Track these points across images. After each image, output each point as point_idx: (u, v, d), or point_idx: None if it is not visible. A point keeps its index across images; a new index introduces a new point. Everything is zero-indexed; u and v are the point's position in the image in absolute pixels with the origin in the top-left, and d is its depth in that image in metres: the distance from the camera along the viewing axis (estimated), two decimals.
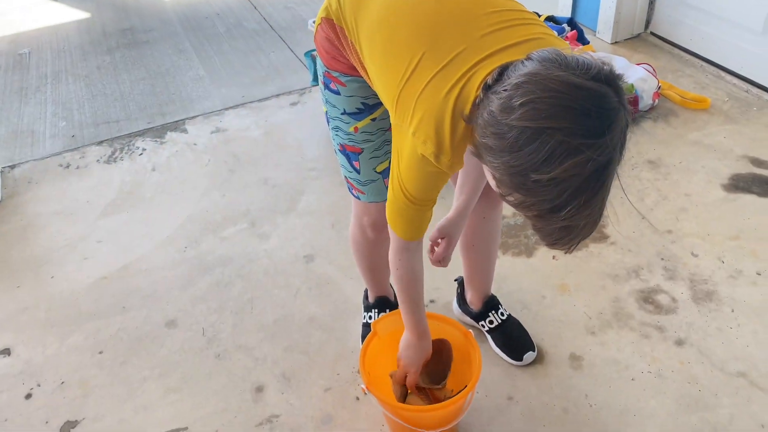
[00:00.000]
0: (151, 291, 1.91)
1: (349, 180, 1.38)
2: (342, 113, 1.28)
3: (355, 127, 1.28)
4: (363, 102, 1.25)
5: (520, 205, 0.86)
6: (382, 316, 1.52)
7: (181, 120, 2.72)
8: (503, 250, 1.94)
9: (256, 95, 2.86)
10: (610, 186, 0.84)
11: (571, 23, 2.73)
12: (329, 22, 1.19)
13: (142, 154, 2.52)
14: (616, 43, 2.99)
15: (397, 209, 1.12)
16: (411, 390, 1.40)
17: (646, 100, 2.45)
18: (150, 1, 3.93)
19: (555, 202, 0.81)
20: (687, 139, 2.35)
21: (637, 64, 2.55)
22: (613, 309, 1.74)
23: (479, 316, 1.67)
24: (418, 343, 1.33)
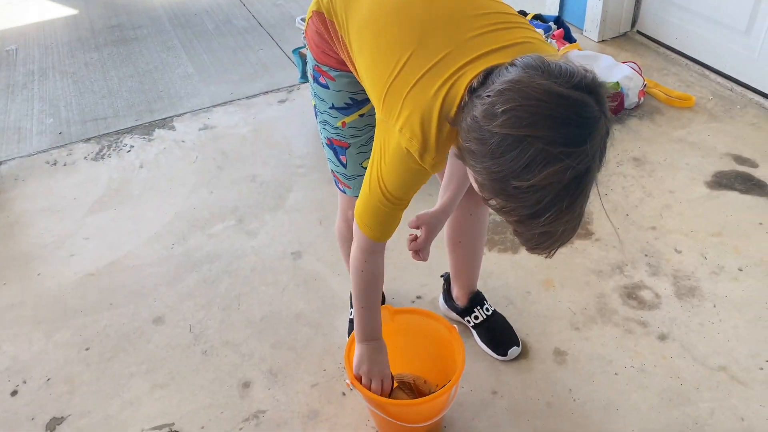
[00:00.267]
0: (138, 287, 1.91)
1: (335, 174, 1.39)
2: (330, 107, 1.29)
3: (343, 122, 1.29)
4: (351, 97, 1.26)
5: (501, 209, 0.88)
6: None
7: (169, 117, 2.71)
8: (489, 246, 1.95)
9: (245, 92, 2.86)
10: (589, 193, 0.85)
11: (558, 21, 2.74)
12: (320, 16, 1.20)
13: (129, 151, 2.51)
14: (602, 41, 3.01)
15: (370, 207, 1.12)
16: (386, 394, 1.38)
17: (631, 98, 2.47)
18: None
19: (535, 208, 0.83)
20: (671, 137, 2.37)
21: (623, 63, 2.57)
22: (597, 305, 1.76)
23: (465, 312, 1.68)
24: (376, 350, 1.32)
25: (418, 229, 1.37)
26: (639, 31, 3.04)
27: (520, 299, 1.78)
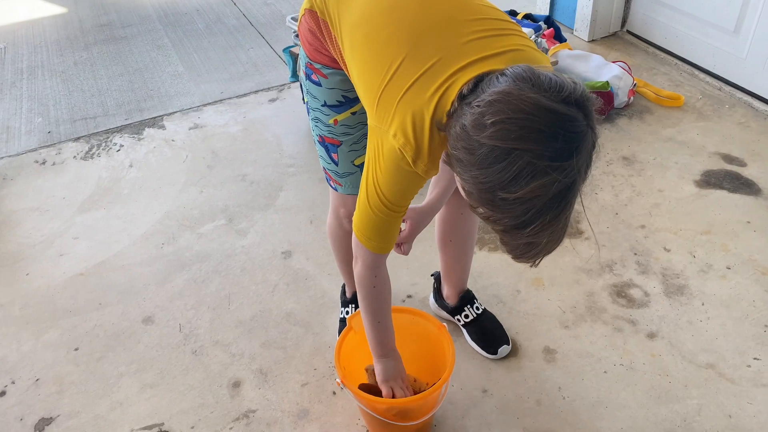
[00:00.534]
0: (127, 287, 1.90)
1: (327, 171, 1.38)
2: (322, 105, 1.29)
3: (335, 120, 1.29)
4: (344, 95, 1.26)
5: (488, 219, 0.89)
6: (358, 311, 1.52)
7: (159, 116, 2.70)
8: (479, 245, 1.96)
9: (235, 91, 2.85)
10: (574, 205, 0.87)
11: (548, 21, 2.75)
12: (312, 14, 1.20)
13: (119, 150, 2.50)
14: (593, 41, 3.02)
15: (368, 218, 1.12)
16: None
17: (621, 98, 2.49)
18: None
19: (520, 219, 0.84)
20: (661, 136, 2.39)
21: (613, 62, 2.58)
22: (587, 303, 1.77)
23: (455, 311, 1.69)
24: (396, 363, 1.35)
25: (404, 223, 1.37)
26: (629, 31, 3.06)
27: (510, 298, 1.79)
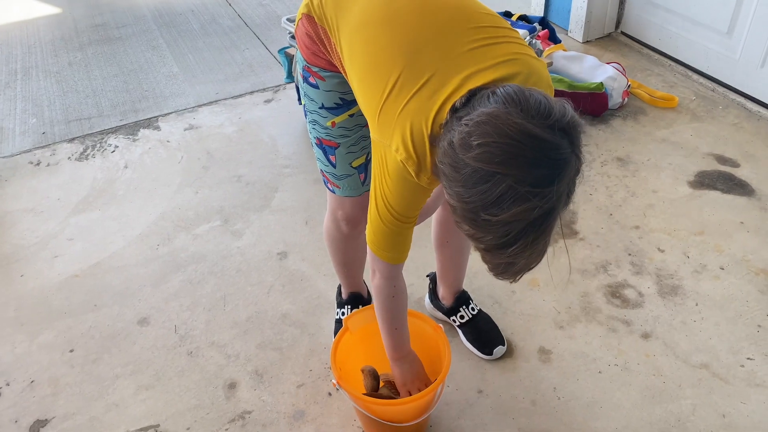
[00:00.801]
0: (123, 288, 1.90)
1: (324, 173, 1.39)
2: (320, 107, 1.29)
3: (333, 122, 1.29)
4: (341, 97, 1.26)
5: (471, 236, 0.91)
6: (355, 312, 1.53)
7: (154, 117, 2.70)
8: None
9: (230, 92, 2.85)
10: (554, 227, 0.89)
11: (543, 22, 2.76)
12: (310, 20, 1.20)
13: (114, 151, 2.50)
14: (587, 42, 3.04)
15: (381, 231, 1.13)
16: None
17: (615, 99, 2.50)
18: None
19: (502, 240, 0.86)
20: (655, 137, 2.40)
21: (608, 63, 2.59)
22: (582, 303, 1.77)
23: (450, 311, 1.69)
24: (414, 363, 1.38)
25: None
26: (623, 32, 3.07)
27: (506, 299, 1.80)
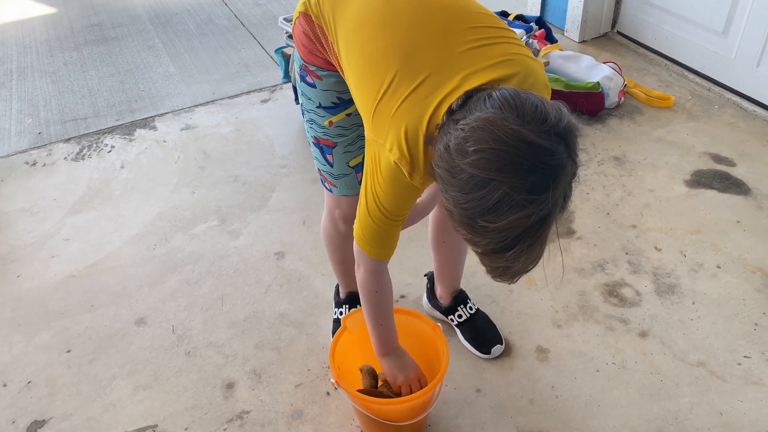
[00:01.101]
0: (120, 288, 1.89)
1: (322, 173, 1.39)
2: (317, 107, 1.29)
3: (330, 121, 1.29)
4: (339, 96, 1.26)
5: (468, 241, 0.91)
6: (353, 311, 1.53)
7: (150, 117, 2.69)
8: None
9: (227, 92, 2.85)
10: (550, 231, 0.89)
11: (539, 22, 2.77)
12: (307, 18, 1.20)
13: (110, 151, 2.49)
14: (583, 42, 3.04)
15: (370, 227, 1.13)
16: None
17: (612, 98, 2.50)
18: None
19: (498, 245, 0.87)
20: (651, 136, 2.40)
21: (604, 63, 2.59)
22: (579, 302, 1.78)
23: (448, 311, 1.69)
24: (401, 356, 1.37)
25: None
26: (619, 32, 3.08)
27: (503, 298, 1.80)
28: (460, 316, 1.68)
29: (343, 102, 1.26)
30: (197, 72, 3.02)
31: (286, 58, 2.48)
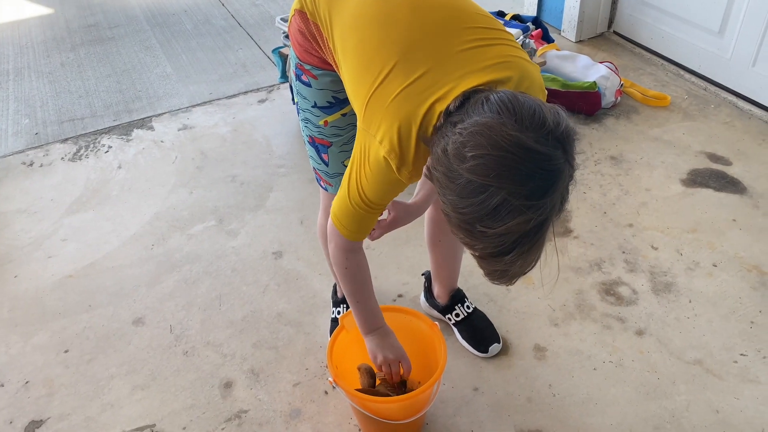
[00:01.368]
0: (117, 289, 1.89)
1: (317, 172, 1.39)
2: (312, 106, 1.29)
3: (325, 121, 1.29)
4: (334, 96, 1.26)
5: (466, 245, 0.91)
6: (350, 310, 1.53)
7: (147, 117, 2.69)
8: None
9: (224, 92, 2.85)
10: (548, 235, 0.89)
11: (536, 22, 2.77)
12: (303, 16, 1.20)
13: (108, 151, 2.49)
14: (580, 41, 3.05)
15: (348, 211, 1.13)
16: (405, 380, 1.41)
17: (608, 98, 2.51)
18: None
19: (496, 249, 0.87)
20: (648, 136, 2.41)
21: (600, 63, 2.60)
22: (576, 301, 1.78)
23: (446, 310, 1.70)
24: (384, 336, 1.34)
25: (388, 213, 1.34)
26: (615, 32, 3.08)
27: (501, 296, 1.80)
28: (457, 315, 1.68)
29: (338, 101, 1.27)
30: (194, 72, 3.02)
31: (283, 58, 2.48)
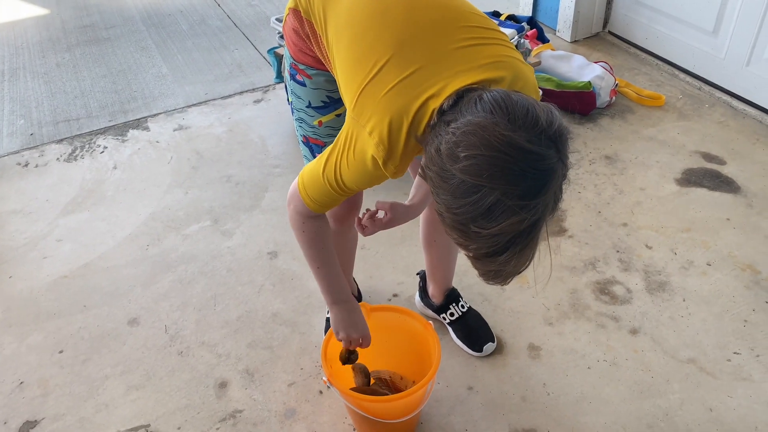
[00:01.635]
0: (112, 289, 1.89)
1: None
2: (307, 106, 1.29)
3: (320, 121, 1.29)
4: (328, 95, 1.26)
5: (459, 245, 0.91)
6: None
7: (143, 117, 2.69)
8: None
9: (220, 92, 2.85)
10: (541, 234, 0.89)
11: (531, 22, 2.78)
12: (297, 14, 1.20)
13: (103, 152, 2.49)
14: (575, 41, 3.06)
15: (318, 186, 1.11)
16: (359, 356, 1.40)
17: (603, 98, 2.51)
18: None
19: (490, 250, 0.87)
20: (642, 135, 2.42)
21: (595, 62, 2.61)
22: (571, 300, 1.79)
23: (441, 309, 1.70)
24: (348, 311, 1.32)
25: (383, 211, 1.32)
26: (610, 32, 3.09)
27: (495, 296, 1.81)
28: (452, 315, 1.68)
29: (333, 101, 1.27)
30: (190, 73, 3.02)
31: (279, 59, 2.48)
